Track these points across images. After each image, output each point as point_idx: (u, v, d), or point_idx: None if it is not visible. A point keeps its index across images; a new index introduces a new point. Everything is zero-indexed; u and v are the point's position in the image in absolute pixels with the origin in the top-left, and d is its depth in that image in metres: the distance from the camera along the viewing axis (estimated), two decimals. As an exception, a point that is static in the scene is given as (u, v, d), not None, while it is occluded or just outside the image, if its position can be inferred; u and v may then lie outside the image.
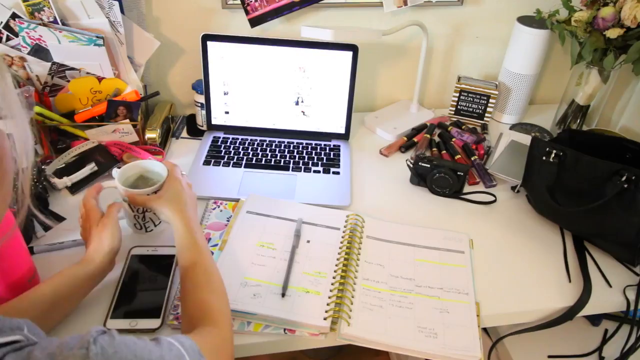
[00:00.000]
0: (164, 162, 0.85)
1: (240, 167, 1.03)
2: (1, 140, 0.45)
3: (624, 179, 0.79)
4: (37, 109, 0.95)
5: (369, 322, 0.72)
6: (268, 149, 1.08)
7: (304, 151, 1.08)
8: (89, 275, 0.70)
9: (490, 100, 1.19)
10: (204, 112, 1.11)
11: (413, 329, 0.72)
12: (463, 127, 1.18)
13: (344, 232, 0.87)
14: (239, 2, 1.08)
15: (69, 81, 1.01)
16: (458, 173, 0.96)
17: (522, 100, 1.21)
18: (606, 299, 0.80)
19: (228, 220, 0.89)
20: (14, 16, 0.94)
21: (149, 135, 1.04)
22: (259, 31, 1.13)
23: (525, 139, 1.07)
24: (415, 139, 1.14)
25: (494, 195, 0.99)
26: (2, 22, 0.95)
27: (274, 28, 1.14)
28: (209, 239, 0.85)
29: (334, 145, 1.11)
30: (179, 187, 0.79)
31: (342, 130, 1.12)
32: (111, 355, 0.41)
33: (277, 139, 1.11)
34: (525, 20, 1.13)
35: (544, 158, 0.88)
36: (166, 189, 0.79)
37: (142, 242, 0.83)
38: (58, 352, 0.40)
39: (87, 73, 1.02)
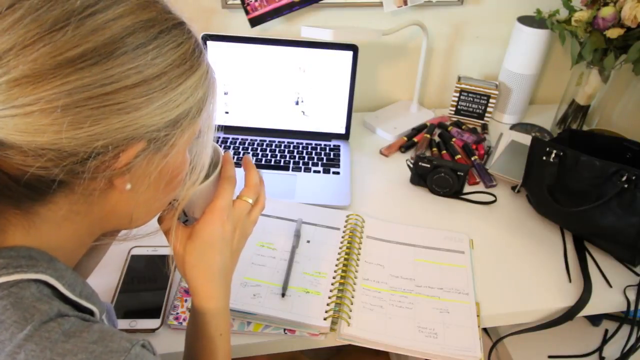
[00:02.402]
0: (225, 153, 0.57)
1: (240, 167, 1.03)
2: (183, 162, 0.45)
3: (624, 179, 0.79)
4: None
5: (369, 322, 0.72)
6: (268, 149, 1.08)
7: (304, 151, 1.08)
8: None
9: (491, 100, 1.19)
10: (203, 112, 1.11)
11: (413, 329, 0.72)
12: (463, 127, 1.18)
13: (344, 232, 0.87)
14: (239, 2, 1.08)
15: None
16: (458, 173, 0.96)
17: (522, 100, 1.21)
18: (606, 299, 0.80)
19: (228, 220, 0.89)
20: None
21: (149, 135, 1.04)
22: (259, 31, 1.13)
23: (526, 139, 1.07)
24: (415, 139, 1.14)
25: (494, 195, 0.99)
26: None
27: (274, 28, 1.14)
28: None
29: (334, 145, 1.11)
30: (218, 231, 0.50)
31: (342, 130, 1.12)
32: None
33: (277, 139, 1.11)
34: (525, 20, 1.12)
35: (544, 158, 0.88)
36: (199, 229, 0.50)
37: (142, 242, 0.83)
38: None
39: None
